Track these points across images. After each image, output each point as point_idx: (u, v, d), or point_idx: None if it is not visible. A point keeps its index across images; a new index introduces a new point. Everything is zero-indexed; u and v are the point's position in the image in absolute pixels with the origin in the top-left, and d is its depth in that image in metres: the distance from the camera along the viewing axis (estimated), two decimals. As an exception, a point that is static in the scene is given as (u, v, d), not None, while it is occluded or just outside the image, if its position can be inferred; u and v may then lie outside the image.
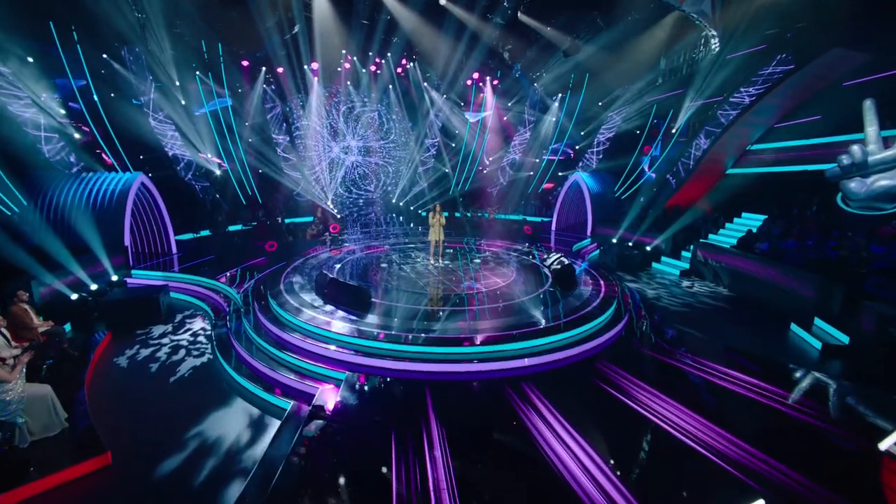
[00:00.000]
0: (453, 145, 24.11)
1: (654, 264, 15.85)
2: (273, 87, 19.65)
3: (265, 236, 15.43)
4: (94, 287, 10.09)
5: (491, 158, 24.42)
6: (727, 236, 15.33)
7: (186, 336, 8.73)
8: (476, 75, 19.09)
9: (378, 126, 21.93)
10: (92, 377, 7.05)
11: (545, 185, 24.03)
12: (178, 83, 17.43)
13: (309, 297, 9.49)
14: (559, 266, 11.38)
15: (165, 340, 8.51)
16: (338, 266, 12.10)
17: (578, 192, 20.00)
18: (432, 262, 12.44)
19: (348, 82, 19.87)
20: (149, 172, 17.11)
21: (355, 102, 20.87)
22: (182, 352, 7.99)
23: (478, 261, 13.28)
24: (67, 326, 8.94)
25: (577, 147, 22.85)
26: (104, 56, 14.32)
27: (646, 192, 18.55)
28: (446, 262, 12.74)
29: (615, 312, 8.88)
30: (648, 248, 16.32)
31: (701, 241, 14.83)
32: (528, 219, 21.50)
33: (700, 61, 16.73)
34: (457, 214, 19.79)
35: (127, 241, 12.19)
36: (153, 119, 16.40)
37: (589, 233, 19.11)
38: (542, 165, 23.58)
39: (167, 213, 13.91)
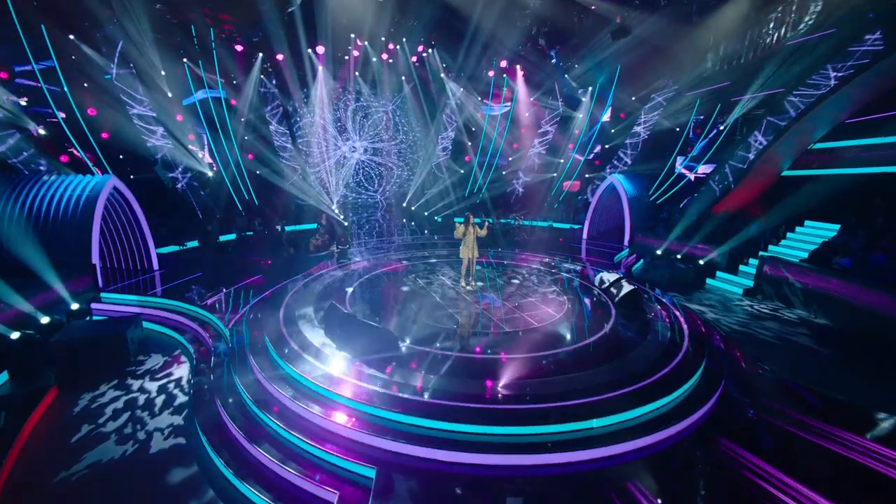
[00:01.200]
0: (469, 144, 22.05)
1: (709, 280, 13.77)
2: (274, 80, 17.56)
3: (262, 250, 13.35)
4: (45, 320, 8.02)
5: (511, 158, 22.37)
6: (792, 248, 13.34)
7: (164, 384, 6.67)
8: (504, 63, 16.94)
9: (390, 126, 19.80)
10: (17, 460, 5.00)
11: (570, 188, 21.96)
12: (163, 72, 15.37)
13: (315, 334, 7.43)
14: (623, 291, 9.32)
15: (130, 397, 6.45)
16: (349, 290, 10.02)
17: (612, 197, 17.95)
18: (463, 284, 10.38)
19: (356, 73, 17.75)
20: (130, 174, 15.15)
21: (365, 100, 18.76)
22: (149, 419, 5.93)
23: (516, 281, 11.19)
24: (2, 377, 6.89)
25: (606, 146, 20.76)
26: (71, 38, 12.23)
27: (704, 196, 16.43)
28: (478, 282, 10.66)
29: (709, 360, 6.84)
30: (702, 262, 14.25)
31: (763, 254, 12.81)
32: (555, 225, 19.43)
33: (769, 45, 14.61)
34: (476, 220, 17.67)
35: (95, 258, 10.13)
36: (132, 110, 14.32)
37: (627, 242, 17.05)
38: (567, 166, 21.51)
39: (146, 222, 11.82)
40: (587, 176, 21.52)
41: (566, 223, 19.64)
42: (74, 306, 8.69)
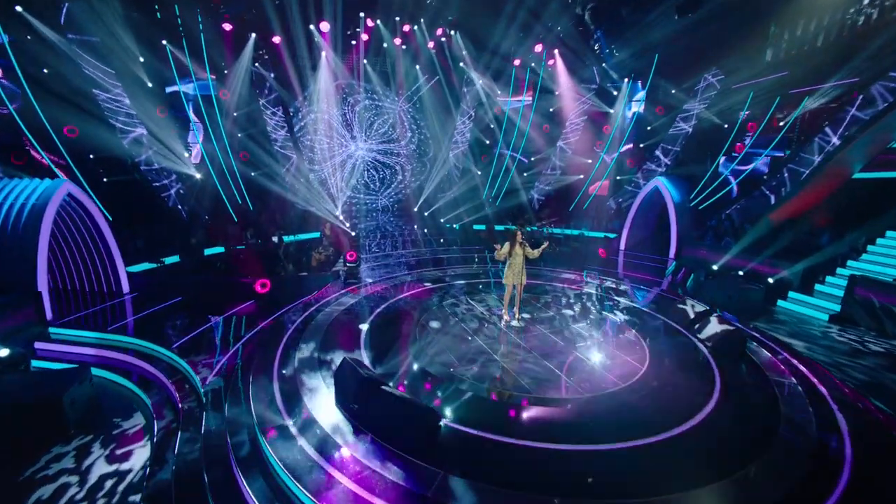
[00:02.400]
0: (488, 143, 19.96)
1: (780, 302, 11.64)
2: (270, 69, 15.43)
3: (255, 267, 11.24)
4: (-43, 376, 5.92)
5: (533, 159, 20.27)
6: (876, 263, 11.37)
7: (110, 472, 4.57)
8: (538, 48, 14.76)
9: (404, 125, 17.67)
10: None
11: (598, 192, 19.86)
12: (141, 59, 13.27)
13: (324, 401, 5.35)
14: (716, 332, 7.25)
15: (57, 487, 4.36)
16: (364, 328, 7.90)
17: (654, 202, 15.89)
18: (506, 317, 8.28)
19: (364, 61, 15.62)
20: (103, 177, 13.06)
21: (377, 98, 16.63)
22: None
23: (571, 313, 9.07)
24: None
25: (641, 145, 18.67)
26: (19, 9, 10.13)
27: (757, 202, 14.38)
28: (524, 314, 8.54)
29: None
30: (771, 281, 12.16)
31: (844, 271, 10.81)
32: (587, 233, 17.34)
33: (853, 25, 12.53)
34: (498, 227, 15.62)
35: (42, 283, 8.03)
36: (101, 96, 12.22)
37: (672, 254, 14.97)
38: (597, 166, 19.41)
39: (113, 236, 9.72)
40: (618, 178, 19.43)
41: (598, 230, 17.54)
42: (3, 352, 6.58)
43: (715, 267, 13.21)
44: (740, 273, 12.76)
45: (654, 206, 16.17)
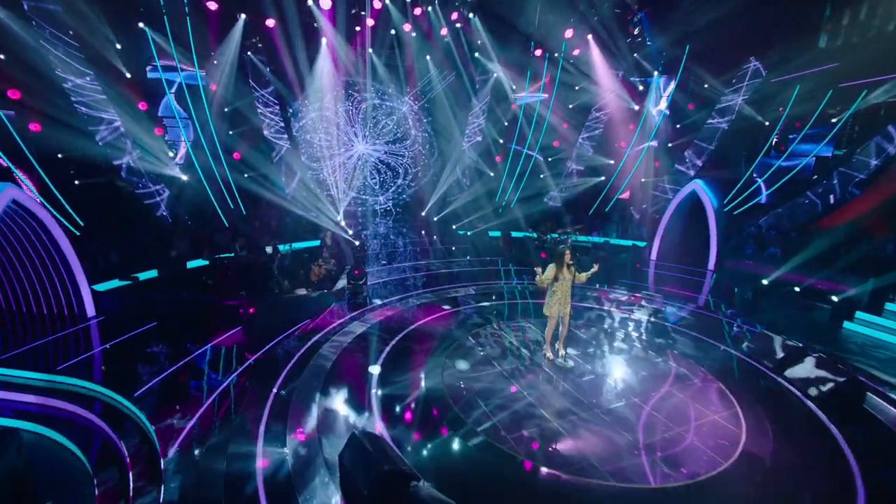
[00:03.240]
0: (503, 144, 18.42)
1: (847, 324, 10.10)
2: (266, 63, 13.90)
3: (245, 283, 9.71)
4: None
5: (550, 159, 18.75)
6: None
7: None
8: (569, 33, 13.17)
9: (416, 123, 16.14)
10: None
11: (621, 195, 18.36)
12: (118, 45, 11.75)
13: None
14: (824, 379, 5.74)
15: None
16: (375, 371, 6.35)
17: (688, 207, 14.36)
18: (549, 355, 6.74)
19: (370, 50, 14.06)
20: (75, 178, 11.55)
21: (386, 96, 15.10)
22: None
23: (621, 345, 7.51)
24: None
25: (670, 144, 17.15)
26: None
27: (803, 209, 12.89)
28: (568, 349, 6.99)
29: None
30: (836, 299, 10.64)
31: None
32: (613, 241, 15.81)
33: None
34: (516, 234, 14.10)
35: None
36: (67, 83, 10.70)
37: (712, 266, 13.45)
38: (619, 168, 17.90)
39: (73, 249, 8.18)
40: (643, 181, 17.92)
41: (623, 238, 16.01)
42: None
43: (765, 281, 11.70)
44: (796, 289, 11.29)
45: (688, 212, 14.65)
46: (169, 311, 8.62)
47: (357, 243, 12.64)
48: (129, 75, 12.09)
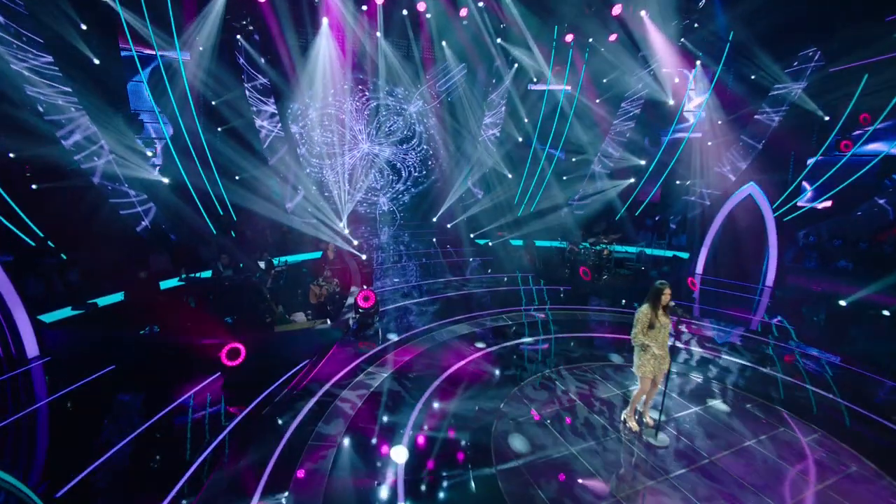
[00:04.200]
0: (520, 139, 16.68)
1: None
2: (259, 51, 12.17)
3: (229, 307, 7.96)
4: None
5: (575, 159, 17.02)
6: None
7: None
8: (617, 9, 11.35)
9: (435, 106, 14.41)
10: None
11: (648, 199, 16.66)
12: (83, 26, 10.02)
13: None
14: None
15: None
16: (400, 459, 4.58)
17: (740, 213, 12.65)
18: (634, 427, 4.99)
19: (378, 34, 12.29)
20: (32, 182, 9.83)
21: (399, 96, 13.36)
22: None
23: (723, 406, 5.73)
24: None
25: (710, 143, 15.40)
26: None
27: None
28: (654, 416, 5.23)
29: None
30: (938, 327, 8.90)
31: None
32: (649, 251, 14.04)
33: None
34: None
35: None
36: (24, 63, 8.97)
37: (771, 282, 11.73)
38: (651, 168, 16.19)
39: (5, 271, 6.44)
40: (678, 183, 16.21)
41: (658, 248, 14.24)
42: None
43: (843, 302, 9.97)
44: (884, 313, 9.55)
45: (738, 218, 12.92)
46: (132, 351, 6.88)
47: (364, 257, 10.91)
48: (97, 61, 10.34)
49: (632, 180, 16.63)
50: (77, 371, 6.32)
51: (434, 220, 16.48)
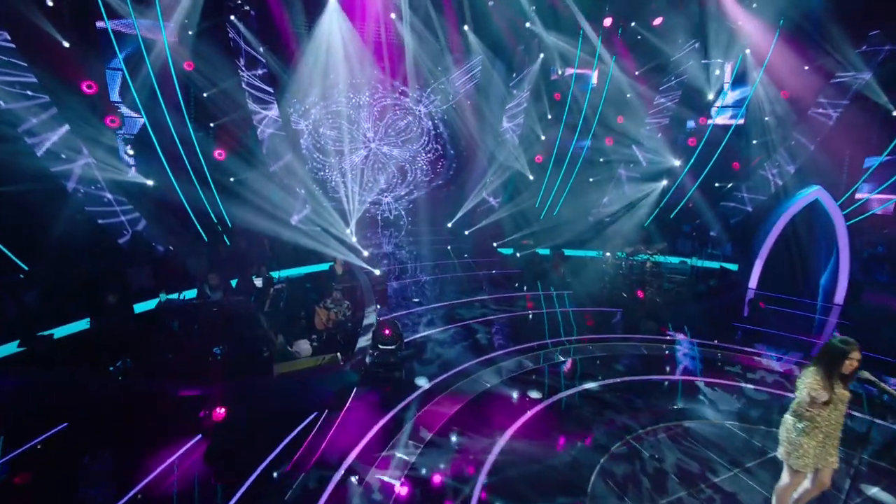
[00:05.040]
0: (543, 137, 15.22)
1: None
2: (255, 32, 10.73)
3: (216, 338, 6.46)
4: None
5: (602, 160, 15.57)
6: None
7: None
8: None
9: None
10: None
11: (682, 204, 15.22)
12: (49, 2, 8.55)
13: None
14: None
15: None
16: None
17: (800, 221, 11.21)
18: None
19: (392, 15, 10.82)
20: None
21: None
22: None
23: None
24: None
25: (754, 141, 13.99)
26: None
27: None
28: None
29: None
30: None
31: None
32: (692, 262, 12.53)
33: None
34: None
35: None
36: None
37: (841, 300, 10.28)
38: (686, 169, 14.75)
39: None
40: (717, 185, 14.79)
41: (705, 258, 12.76)
42: None
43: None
44: None
45: (794, 225, 11.49)
46: (91, 402, 5.38)
47: (377, 272, 9.42)
48: (66, 44, 8.85)
49: (664, 182, 15.19)
50: (16, 433, 4.84)
51: (449, 225, 15.02)
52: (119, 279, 8.36)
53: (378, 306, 8.59)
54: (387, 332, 6.19)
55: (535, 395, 5.59)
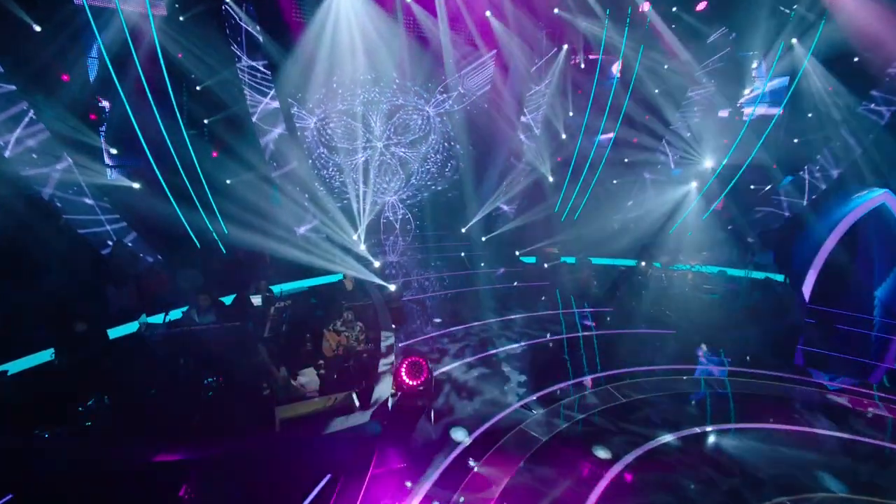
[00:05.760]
0: (564, 136, 14.13)
1: None
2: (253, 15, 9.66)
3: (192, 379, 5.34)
4: None
5: (627, 160, 14.49)
6: None
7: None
8: None
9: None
10: None
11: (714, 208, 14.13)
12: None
13: None
14: None
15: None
16: None
17: (860, 228, 10.15)
18: None
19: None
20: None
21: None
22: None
23: None
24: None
25: (795, 140, 12.91)
26: None
27: None
28: None
29: None
30: None
31: None
32: (731, 272, 11.39)
33: None
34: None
35: None
36: None
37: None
38: (718, 171, 13.65)
39: None
40: (752, 188, 13.70)
41: (752, 268, 11.63)
42: None
43: None
44: None
45: (849, 233, 10.41)
46: (42, 464, 4.26)
47: (392, 288, 8.29)
48: (37, 28, 7.75)
49: (694, 184, 14.09)
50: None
51: (464, 230, 13.91)
52: (96, 299, 7.28)
53: (394, 326, 7.49)
54: (416, 373, 5.08)
55: (602, 454, 4.48)
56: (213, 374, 5.37)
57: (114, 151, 8.95)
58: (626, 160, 14.45)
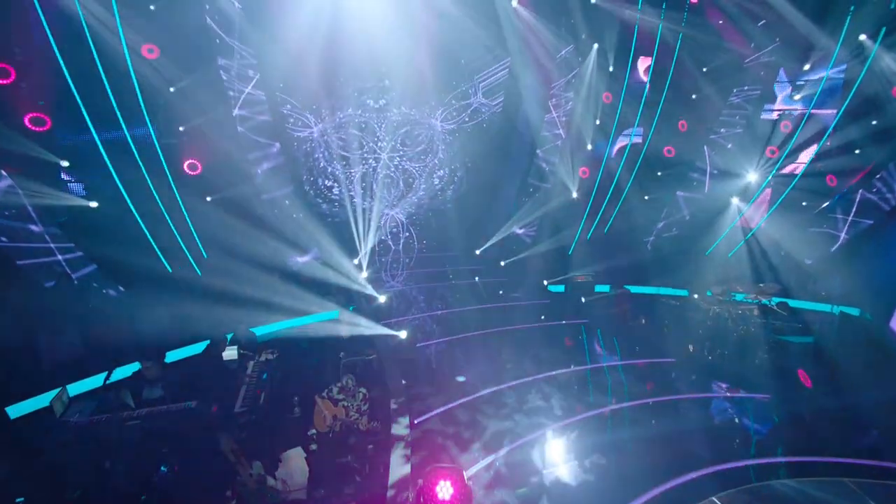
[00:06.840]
0: (589, 147, 12.62)
1: None
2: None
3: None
4: None
5: (660, 173, 12.94)
6: None
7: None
8: None
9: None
10: None
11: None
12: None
13: None
14: None
15: None
16: None
17: None
18: None
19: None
20: None
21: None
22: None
23: None
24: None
25: (857, 151, 11.39)
26: None
27: None
28: None
29: None
30: None
31: None
32: (791, 303, 9.71)
33: None
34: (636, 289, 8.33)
35: None
36: None
37: None
38: (764, 185, 12.16)
39: None
40: (805, 204, 12.16)
41: (813, 300, 9.98)
42: None
43: None
44: None
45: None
46: None
47: (402, 335, 6.64)
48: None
49: (736, 201, 12.56)
50: None
51: (478, 253, 12.33)
52: (26, 353, 5.65)
53: (404, 382, 5.85)
54: (447, 489, 3.44)
55: None
56: (148, 486, 3.72)
57: (64, 163, 7.40)
58: (658, 173, 12.94)
